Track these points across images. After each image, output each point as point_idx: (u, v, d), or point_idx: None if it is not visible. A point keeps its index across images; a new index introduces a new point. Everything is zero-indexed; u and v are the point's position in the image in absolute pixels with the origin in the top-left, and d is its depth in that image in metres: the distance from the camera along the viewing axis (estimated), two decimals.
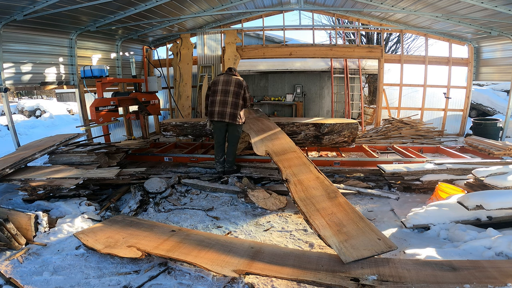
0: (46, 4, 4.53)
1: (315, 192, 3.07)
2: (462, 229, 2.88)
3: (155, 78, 6.53)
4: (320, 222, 2.62)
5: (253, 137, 4.43)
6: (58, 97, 18.43)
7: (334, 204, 2.90)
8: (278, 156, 3.87)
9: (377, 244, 2.38)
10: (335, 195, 3.03)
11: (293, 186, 3.16)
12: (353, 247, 2.36)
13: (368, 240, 2.43)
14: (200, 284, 2.35)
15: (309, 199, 2.95)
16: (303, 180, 3.30)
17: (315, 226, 2.59)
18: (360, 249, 2.33)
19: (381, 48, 8.19)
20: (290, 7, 8.28)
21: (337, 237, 2.45)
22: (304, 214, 2.72)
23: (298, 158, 3.84)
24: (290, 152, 4.01)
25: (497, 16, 5.43)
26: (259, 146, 4.20)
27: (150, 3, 5.76)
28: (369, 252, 2.30)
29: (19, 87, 5.53)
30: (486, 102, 10.42)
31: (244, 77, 9.62)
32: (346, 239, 2.43)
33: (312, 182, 3.26)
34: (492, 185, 3.23)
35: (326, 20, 14.69)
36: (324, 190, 3.12)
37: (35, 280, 2.40)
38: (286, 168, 3.51)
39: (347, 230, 2.54)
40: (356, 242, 2.41)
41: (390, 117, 8.11)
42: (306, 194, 3.02)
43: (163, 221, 3.53)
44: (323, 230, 2.54)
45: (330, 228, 2.56)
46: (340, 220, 2.66)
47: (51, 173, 3.95)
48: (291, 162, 3.73)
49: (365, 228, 2.57)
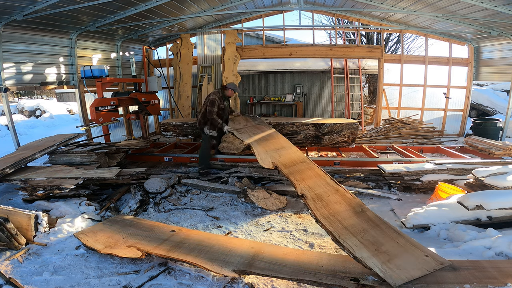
0: (46, 4, 4.53)
1: (338, 208, 2.70)
2: (462, 229, 2.88)
3: (155, 78, 6.53)
4: (352, 242, 2.27)
5: (255, 147, 4.05)
6: (58, 97, 18.41)
7: (363, 219, 2.56)
8: (288, 168, 3.43)
9: (426, 262, 2.13)
10: (361, 209, 2.68)
11: (312, 202, 2.74)
12: (398, 267, 2.07)
13: (413, 258, 2.17)
14: (200, 284, 2.35)
15: (333, 216, 2.58)
16: (321, 194, 2.89)
17: (348, 246, 2.23)
18: (408, 269, 2.06)
19: (381, 48, 8.19)
20: (290, 7, 8.28)
21: (377, 258, 2.14)
22: (331, 234, 2.36)
23: (311, 169, 3.42)
24: (301, 163, 3.59)
25: (497, 16, 5.43)
26: (264, 158, 3.76)
27: (150, 3, 5.76)
28: (419, 272, 2.05)
29: (19, 87, 5.53)
30: (486, 102, 10.41)
31: (244, 77, 9.71)
32: (388, 259, 2.14)
33: (332, 196, 2.87)
34: (492, 185, 3.24)
35: (326, 20, 14.68)
36: (347, 204, 2.77)
37: (35, 280, 2.40)
38: (300, 182, 3.09)
39: (386, 248, 2.23)
40: (401, 262, 2.12)
41: (390, 117, 8.11)
42: (328, 211, 2.65)
43: (163, 221, 3.53)
44: (359, 250, 2.19)
45: (366, 248, 2.22)
46: (375, 238, 2.33)
47: (51, 173, 3.95)
48: (303, 174, 3.29)
49: (406, 245, 2.29)
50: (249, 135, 4.57)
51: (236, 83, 8.17)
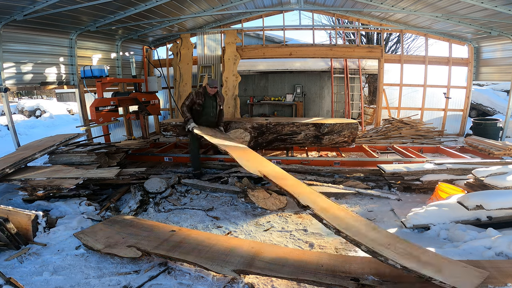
0: (46, 4, 4.53)
1: (351, 222, 2.55)
2: (462, 229, 2.88)
3: (155, 78, 6.53)
4: (389, 254, 2.14)
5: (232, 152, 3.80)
6: (58, 97, 18.41)
7: (381, 234, 2.43)
8: (280, 181, 3.18)
9: (472, 271, 2.09)
10: (372, 226, 2.56)
11: (322, 214, 2.55)
12: (455, 277, 2.00)
13: (457, 267, 2.12)
14: (200, 284, 2.35)
15: (352, 228, 2.42)
16: (327, 208, 2.70)
17: (389, 257, 2.08)
18: (464, 278, 2.00)
19: (381, 48, 8.19)
20: (290, 7, 8.29)
21: (427, 269, 2.04)
22: (363, 245, 2.19)
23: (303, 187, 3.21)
24: (290, 179, 3.36)
25: (497, 16, 5.43)
26: (248, 164, 3.53)
27: (150, 3, 5.76)
28: (476, 279, 2.00)
29: (19, 87, 5.53)
30: (486, 102, 10.41)
31: (244, 77, 9.72)
32: (438, 270, 2.05)
33: (338, 212, 2.70)
34: (492, 185, 3.23)
35: (326, 20, 14.68)
36: (357, 220, 2.61)
37: (35, 280, 2.40)
38: (298, 194, 2.88)
39: (425, 260, 2.14)
40: (451, 272, 2.05)
41: (390, 117, 8.11)
42: (344, 223, 2.47)
43: (163, 221, 3.53)
44: (403, 261, 2.07)
45: (407, 259, 2.11)
46: (406, 251, 2.22)
47: (51, 173, 3.95)
48: (296, 189, 3.06)
49: (438, 257, 2.23)
50: (219, 141, 4.29)
51: (236, 83, 8.19)
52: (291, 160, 5.31)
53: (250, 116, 10.54)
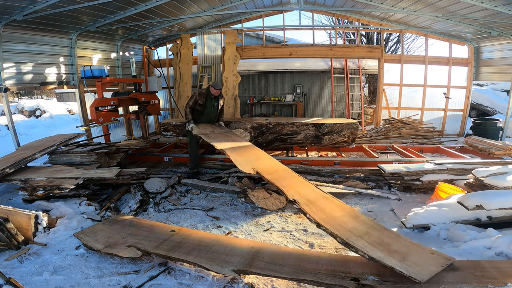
0: (46, 4, 4.53)
1: (334, 213, 2.71)
2: (462, 229, 2.88)
3: (155, 78, 6.53)
4: (362, 244, 2.29)
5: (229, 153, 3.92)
6: (58, 97, 18.42)
7: (361, 223, 2.59)
8: (270, 175, 3.39)
9: (436, 258, 2.20)
10: (355, 214, 2.74)
11: (306, 207, 2.71)
12: (416, 264, 2.11)
13: (423, 255, 2.23)
14: (200, 284, 2.35)
15: (332, 220, 2.58)
16: (313, 200, 2.88)
17: (360, 248, 2.23)
18: (425, 266, 2.11)
19: (381, 48, 8.19)
20: (290, 7, 8.29)
21: (392, 257, 2.16)
22: (338, 237, 2.35)
23: (294, 177, 3.44)
24: (282, 170, 3.59)
25: (497, 16, 5.43)
26: (242, 163, 3.66)
27: (150, 3, 5.76)
28: (436, 268, 2.10)
29: (19, 87, 5.53)
30: (486, 102, 10.41)
31: (244, 77, 9.71)
32: (403, 258, 2.17)
33: (323, 202, 2.88)
34: (492, 185, 3.23)
35: (326, 20, 14.68)
36: (341, 209, 2.80)
37: (35, 280, 2.40)
38: (288, 188, 3.07)
39: (395, 248, 2.27)
40: (415, 259, 2.17)
41: (390, 117, 8.11)
42: (326, 215, 2.64)
43: (163, 221, 3.53)
44: (372, 251, 2.21)
45: (376, 249, 2.25)
46: (380, 239, 2.37)
47: (51, 173, 3.95)
48: (288, 181, 3.29)
49: (409, 245, 2.35)
50: (219, 141, 4.35)
51: (236, 83, 8.19)
52: (291, 160, 5.31)
53: (250, 116, 10.54)
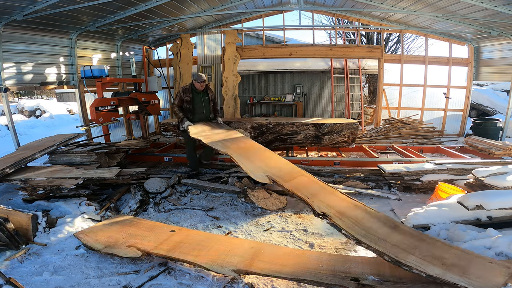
0: (46, 4, 4.53)
1: (369, 224, 2.47)
2: (462, 229, 2.88)
3: (155, 78, 6.53)
4: (414, 260, 2.07)
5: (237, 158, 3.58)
6: (58, 97, 18.41)
7: (404, 234, 2.36)
8: (288, 182, 3.07)
9: (496, 268, 2.06)
10: (394, 224, 2.49)
11: (340, 222, 2.44)
12: (478, 277, 1.96)
13: (482, 266, 2.08)
14: (200, 284, 2.35)
15: (372, 234, 2.34)
16: (343, 211, 2.61)
17: (414, 266, 2.02)
18: (489, 277, 1.96)
19: (381, 48, 8.19)
20: (290, 7, 8.28)
21: (452, 273, 1.98)
22: (386, 255, 2.11)
23: (313, 182, 3.13)
24: (299, 176, 3.26)
25: (497, 16, 5.43)
26: (253, 169, 3.34)
27: (150, 3, 5.76)
28: (501, 278, 1.95)
29: (19, 87, 5.53)
30: (486, 102, 10.41)
31: (244, 77, 9.71)
32: (463, 272, 2.00)
33: (355, 212, 2.63)
34: (492, 185, 3.23)
35: (326, 20, 14.70)
36: (376, 219, 2.57)
37: (35, 280, 2.40)
38: (312, 198, 2.75)
39: (451, 261, 2.10)
40: (476, 272, 2.01)
41: (390, 117, 8.11)
42: (363, 228, 2.40)
43: (163, 221, 3.53)
44: (428, 268, 2.01)
45: (431, 264, 2.06)
46: (430, 252, 2.18)
47: (51, 173, 3.95)
48: (309, 188, 2.96)
49: (464, 255, 2.18)
50: (223, 143, 4.07)
51: (236, 83, 8.19)
52: (291, 160, 5.24)
53: (250, 116, 10.54)
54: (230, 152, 3.74)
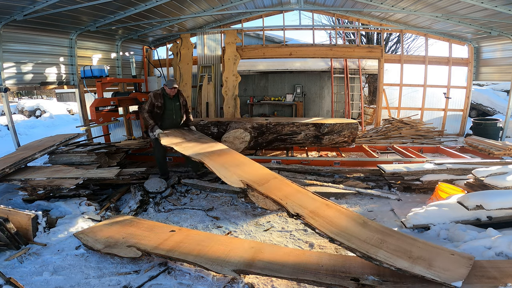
0: (46, 4, 4.53)
1: (341, 222, 2.53)
2: (462, 229, 2.88)
3: (155, 78, 6.55)
4: (383, 255, 2.16)
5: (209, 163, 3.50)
6: (58, 97, 18.40)
7: (373, 230, 2.46)
8: (262, 186, 3.01)
9: (459, 259, 2.17)
10: (363, 221, 2.58)
11: (313, 221, 2.48)
12: (445, 269, 2.06)
13: (446, 258, 2.18)
14: (200, 284, 2.35)
15: (344, 232, 2.40)
16: (316, 211, 2.64)
17: (383, 260, 2.10)
18: (453, 269, 2.05)
19: (381, 48, 8.19)
20: (290, 7, 8.29)
21: (419, 265, 2.08)
22: (357, 251, 2.20)
23: (288, 185, 3.12)
24: (273, 179, 3.23)
25: (497, 16, 5.43)
26: (227, 175, 3.25)
27: (150, 3, 5.76)
28: (464, 269, 2.06)
29: (19, 87, 5.53)
30: (486, 102, 10.41)
31: (244, 77, 9.71)
32: (429, 264, 2.10)
33: (328, 212, 2.66)
34: (492, 185, 3.23)
35: (326, 20, 14.69)
36: (347, 217, 2.64)
37: (35, 280, 2.40)
38: (285, 200, 2.76)
39: (417, 254, 2.20)
40: (441, 264, 2.11)
41: (390, 117, 8.11)
42: (335, 227, 2.45)
43: (163, 221, 3.53)
44: (397, 262, 2.10)
45: (399, 257, 2.15)
46: (398, 246, 2.27)
47: (51, 173, 3.95)
48: (283, 191, 2.95)
49: (429, 248, 2.29)
50: (193, 150, 3.92)
51: (236, 83, 8.18)
52: (291, 160, 5.31)
53: (250, 116, 10.54)
54: (205, 161, 3.58)
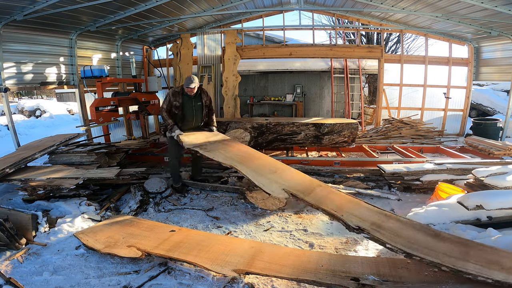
0: (46, 4, 4.53)
1: (409, 234, 2.31)
2: (462, 229, 2.88)
3: (155, 78, 6.53)
4: (474, 268, 1.99)
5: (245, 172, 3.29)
6: (58, 97, 18.40)
7: (448, 241, 2.25)
8: (309, 196, 2.82)
9: None
10: (434, 232, 2.35)
11: (379, 234, 2.27)
12: None
13: None
14: (200, 284, 2.35)
15: (417, 245, 2.19)
16: (377, 222, 2.42)
17: (476, 273, 1.93)
18: None
19: (381, 48, 8.19)
20: (290, 7, 8.28)
21: None
22: (445, 266, 2.00)
23: (334, 194, 2.92)
24: (317, 187, 3.03)
25: (497, 16, 5.43)
26: (267, 183, 3.05)
27: (150, 3, 5.75)
28: None
29: (19, 87, 5.53)
30: (486, 102, 10.41)
31: (244, 77, 9.71)
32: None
33: (389, 223, 2.42)
34: (492, 185, 3.23)
35: (326, 20, 14.70)
36: (412, 228, 2.41)
37: (35, 280, 2.40)
38: (340, 211, 2.54)
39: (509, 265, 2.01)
40: None
41: (390, 117, 8.11)
42: (405, 240, 2.24)
43: (163, 221, 3.53)
44: (493, 274, 1.93)
45: (492, 269, 1.98)
46: (485, 257, 2.09)
47: (51, 173, 3.95)
48: (333, 201, 2.73)
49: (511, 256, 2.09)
50: (221, 153, 3.70)
51: (236, 83, 8.18)
52: (291, 160, 5.31)
53: (250, 116, 10.54)
54: (238, 167, 3.38)
